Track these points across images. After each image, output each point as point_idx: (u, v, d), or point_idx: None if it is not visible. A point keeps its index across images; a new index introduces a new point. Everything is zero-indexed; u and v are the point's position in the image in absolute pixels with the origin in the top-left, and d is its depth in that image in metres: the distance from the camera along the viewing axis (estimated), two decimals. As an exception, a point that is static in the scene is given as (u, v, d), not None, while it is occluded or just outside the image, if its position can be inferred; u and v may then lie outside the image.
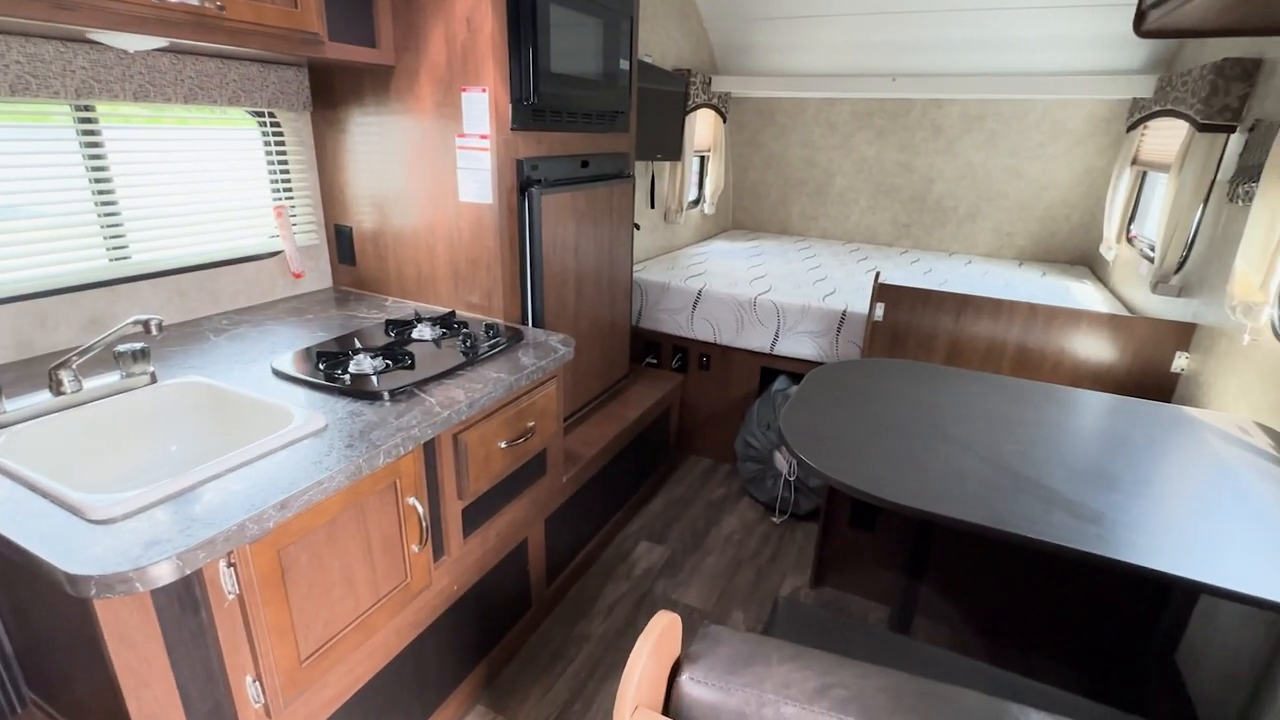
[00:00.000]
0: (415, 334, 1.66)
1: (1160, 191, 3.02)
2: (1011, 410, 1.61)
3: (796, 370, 2.75)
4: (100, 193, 1.48)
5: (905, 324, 2.41)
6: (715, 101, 3.69)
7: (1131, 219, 3.10)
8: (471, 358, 1.53)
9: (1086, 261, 3.68)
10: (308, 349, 1.51)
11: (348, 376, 1.35)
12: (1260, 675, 1.40)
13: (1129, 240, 3.07)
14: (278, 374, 1.37)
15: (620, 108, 2.18)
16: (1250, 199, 1.82)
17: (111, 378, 1.25)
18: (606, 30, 1.99)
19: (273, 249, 1.90)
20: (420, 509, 1.27)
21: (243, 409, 1.26)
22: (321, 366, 1.39)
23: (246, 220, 1.84)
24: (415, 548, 1.30)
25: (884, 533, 2.13)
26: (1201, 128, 2.10)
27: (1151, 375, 2.16)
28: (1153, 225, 3.04)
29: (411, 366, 1.44)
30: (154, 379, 1.29)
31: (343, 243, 2.04)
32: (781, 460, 2.57)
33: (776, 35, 3.45)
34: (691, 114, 3.37)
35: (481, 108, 1.67)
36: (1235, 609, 1.56)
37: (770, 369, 2.82)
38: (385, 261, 1.98)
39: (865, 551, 2.18)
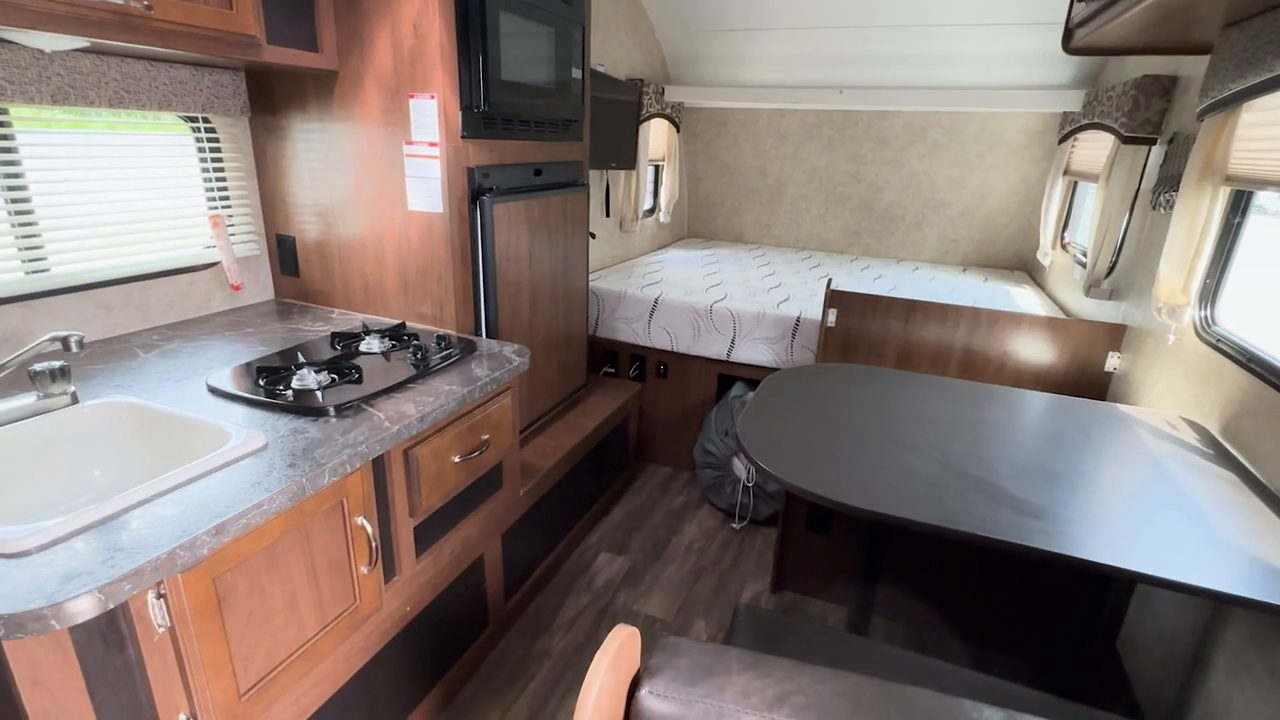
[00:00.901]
0: (363, 347, 1.60)
1: (1090, 200, 3.18)
2: (958, 411, 1.66)
3: (753, 376, 2.78)
4: (14, 200, 1.39)
5: (857, 329, 2.46)
6: (669, 111, 3.72)
7: (1065, 226, 3.25)
8: (422, 370, 1.48)
9: (1025, 267, 3.84)
10: (247, 364, 1.44)
11: (290, 392, 1.29)
12: (1193, 658, 1.47)
13: (1063, 246, 3.21)
14: (214, 391, 1.31)
15: (573, 116, 2.17)
16: (1171, 207, 1.93)
17: (27, 399, 1.17)
18: (558, 38, 1.98)
19: (209, 260, 1.81)
20: (369, 529, 1.23)
21: (174, 429, 1.19)
22: (262, 382, 1.33)
23: (179, 230, 1.75)
24: (364, 569, 1.25)
25: (840, 536, 2.17)
26: (1125, 140, 2.22)
27: (1087, 374, 2.26)
28: (1084, 232, 3.20)
29: (359, 380, 1.39)
30: (75, 399, 1.21)
31: (285, 253, 1.96)
32: (740, 466, 2.58)
33: (727, 47, 3.50)
34: (645, 123, 3.38)
35: (430, 115, 1.64)
36: (1169, 596, 1.63)
37: (727, 375, 2.84)
38: (331, 272, 1.92)
39: (823, 555, 2.20)
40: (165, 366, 1.44)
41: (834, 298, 2.44)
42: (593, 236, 2.45)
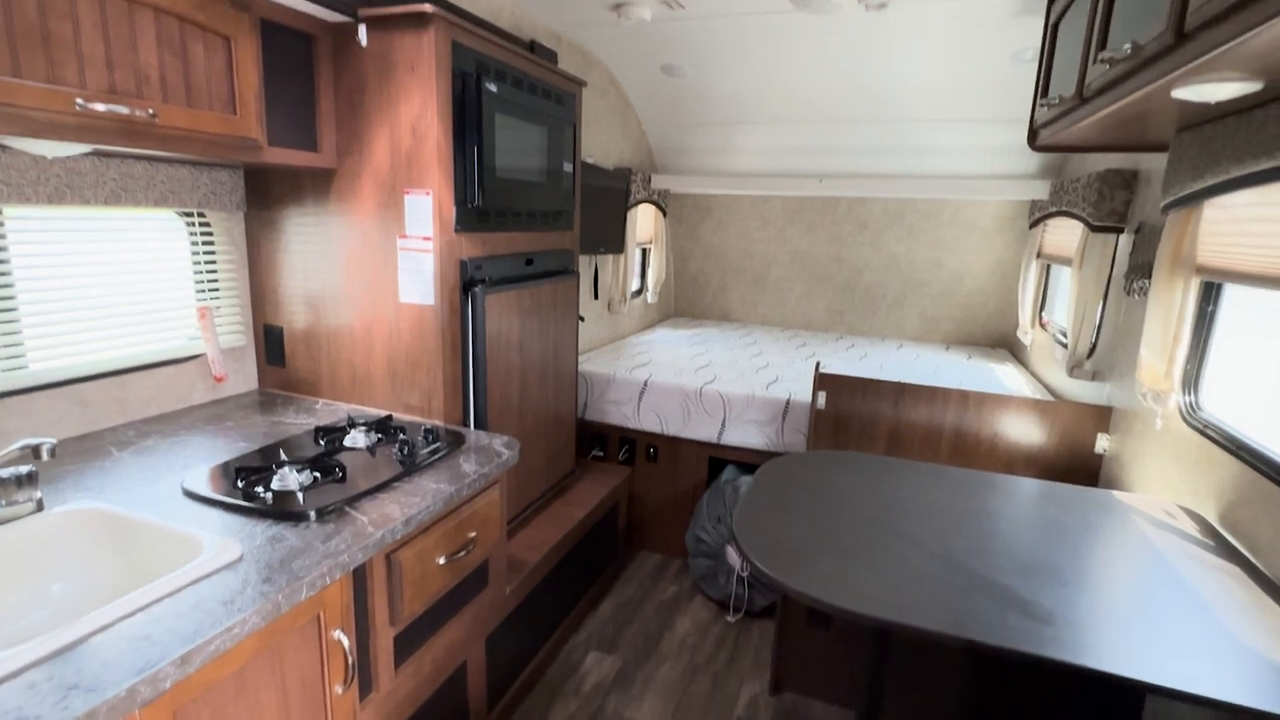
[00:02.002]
0: (348, 441, 1.56)
1: (1065, 282, 3.29)
2: (956, 501, 1.64)
3: (745, 460, 2.75)
4: (1, 298, 1.37)
5: (847, 411, 2.46)
6: (655, 197, 3.85)
7: (1042, 306, 3.34)
8: (409, 467, 1.44)
9: (1006, 344, 3.92)
10: (225, 463, 1.39)
11: (269, 495, 1.24)
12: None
13: (1042, 326, 3.29)
14: (189, 494, 1.25)
15: (564, 207, 2.23)
16: (1144, 293, 1.99)
17: (-11, 508, 1.11)
18: (550, 136, 2.06)
19: (192, 352, 1.79)
20: (346, 643, 1.15)
21: (144, 538, 1.13)
22: (240, 484, 1.28)
23: (164, 322, 1.73)
24: (339, 689, 1.16)
25: (843, 630, 2.08)
26: (1094, 229, 2.32)
27: (1079, 456, 2.26)
28: (1062, 313, 3.28)
29: (343, 479, 1.35)
30: (40, 506, 1.15)
31: (272, 343, 1.95)
32: (734, 555, 2.51)
33: (710, 139, 3.67)
34: (633, 209, 3.49)
35: (425, 210, 1.67)
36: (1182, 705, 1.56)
37: (718, 459, 2.81)
38: (318, 362, 1.89)
39: (824, 651, 2.11)
40: (140, 466, 1.38)
41: (822, 380, 2.45)
42: (581, 319, 2.46)
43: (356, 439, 1.57)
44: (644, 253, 4.08)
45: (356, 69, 1.65)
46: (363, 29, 1.60)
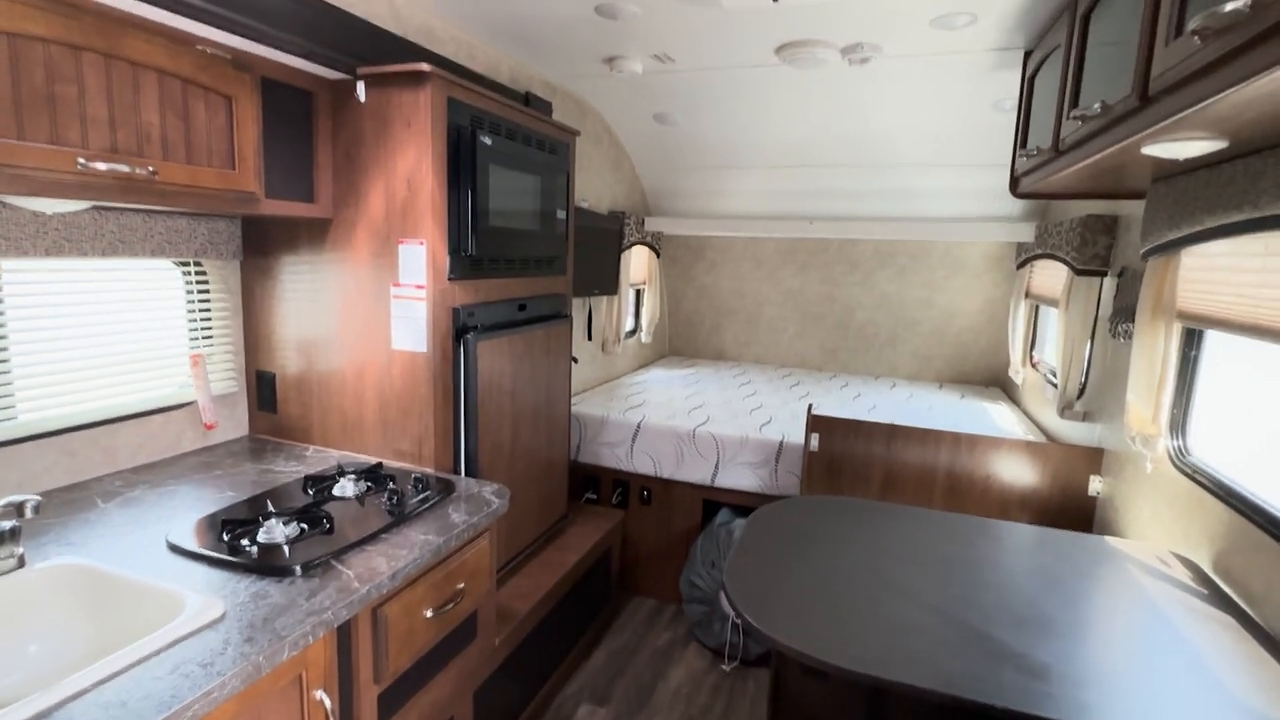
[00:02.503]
0: (337, 490, 1.55)
1: (1053, 324, 3.32)
2: (949, 548, 1.62)
3: (738, 502, 2.73)
4: (-9, 350, 1.38)
5: (840, 453, 2.46)
6: (649, 239, 3.91)
7: (1032, 345, 3.37)
8: (398, 517, 1.43)
9: (999, 383, 3.94)
10: (211, 515, 1.38)
11: (255, 548, 1.23)
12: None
13: (1033, 365, 3.31)
14: (173, 548, 1.24)
15: (557, 252, 2.26)
16: (1129, 337, 2.01)
17: (-31, 565, 1.09)
18: (544, 185, 2.10)
19: (183, 399, 1.79)
20: (328, 704, 1.13)
21: (125, 595, 1.11)
22: (225, 537, 1.26)
23: (156, 370, 1.73)
24: (320, 751, 1.13)
25: (839, 681, 2.04)
26: (1079, 272, 2.36)
27: (1072, 498, 2.26)
28: (1051, 352, 3.31)
29: (330, 531, 1.33)
30: (21, 562, 1.14)
31: (264, 389, 1.95)
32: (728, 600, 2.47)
33: (703, 182, 3.75)
34: (627, 251, 3.54)
35: (419, 260, 1.70)
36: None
37: (712, 501, 2.79)
38: (309, 408, 1.89)
39: (821, 702, 2.06)
40: (125, 518, 1.37)
41: (815, 422, 2.46)
42: (575, 361, 2.48)
43: (345, 488, 1.56)
44: (638, 293, 4.12)
45: (354, 123, 1.69)
46: (361, 86, 1.65)
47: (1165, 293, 1.70)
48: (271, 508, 1.38)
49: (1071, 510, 2.26)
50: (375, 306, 1.76)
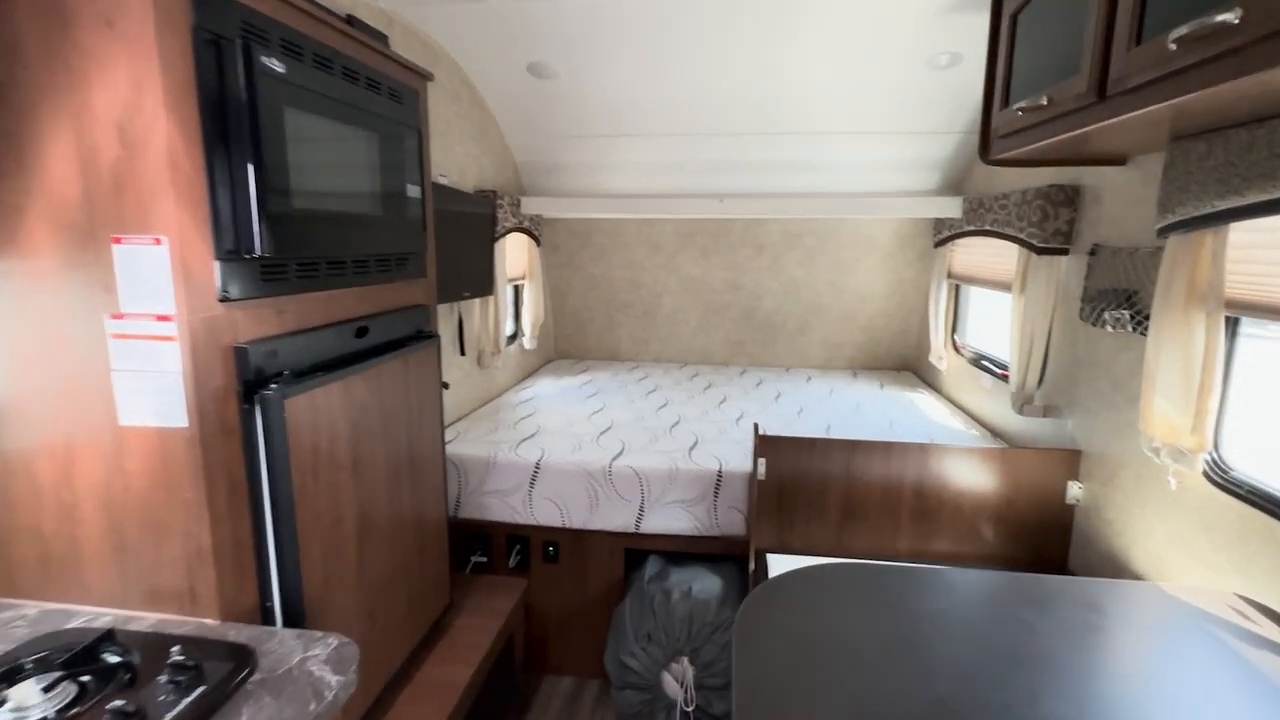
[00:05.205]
0: (7, 707, 0.82)
1: (974, 304, 3.13)
2: (980, 619, 1.20)
3: (670, 548, 2.21)
4: None
5: (792, 478, 2.02)
6: (527, 224, 3.24)
7: (954, 329, 3.16)
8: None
9: (909, 367, 3.75)
10: None
11: None
12: None
13: (956, 349, 3.10)
14: None
15: (412, 247, 1.57)
16: (1119, 325, 1.73)
17: None
18: (384, 147, 1.40)
19: None
20: None
21: None
22: None
23: None
24: None
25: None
26: (1039, 250, 2.07)
27: (1049, 507, 1.98)
28: (969, 333, 3.12)
29: None
30: None
31: (-118, 507, 1.10)
32: (672, 683, 1.95)
33: (587, 154, 3.14)
34: (501, 240, 2.86)
35: (157, 269, 0.97)
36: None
37: (637, 549, 2.25)
38: (-26, 536, 1.09)
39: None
40: None
41: (764, 444, 1.99)
42: (445, 387, 1.81)
43: (25, 696, 0.83)
44: (517, 290, 3.45)
45: (-5, 21, 0.91)
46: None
47: (1204, 275, 1.38)
48: None
49: (1049, 521, 1.99)
50: (80, 356, 1.00)
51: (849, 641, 1.14)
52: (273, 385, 1.09)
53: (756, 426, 2.04)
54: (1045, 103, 1.39)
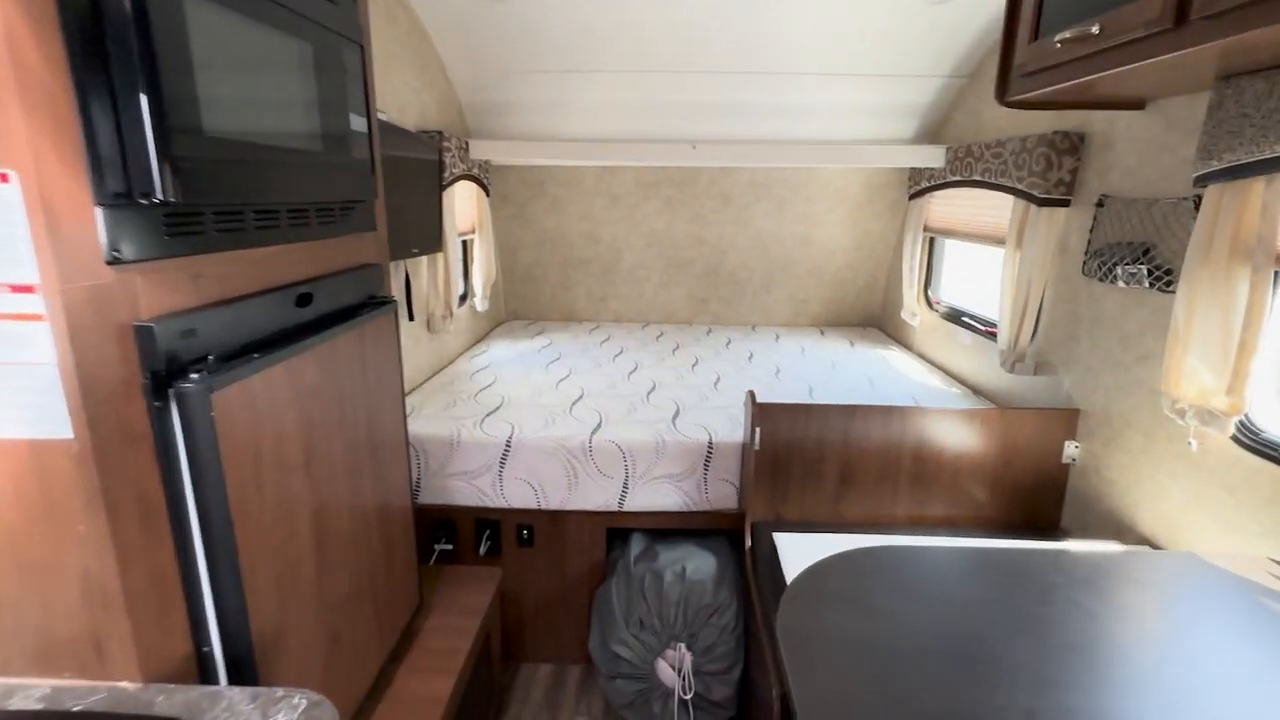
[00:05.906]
0: None
1: (949, 257, 3.05)
2: (1035, 606, 1.10)
3: (656, 525, 2.06)
4: None
5: (787, 445, 1.89)
6: (475, 172, 2.91)
7: (927, 283, 3.09)
8: None
9: (875, 323, 3.69)
10: None
11: None
12: None
13: (930, 305, 3.04)
14: None
15: (359, 194, 1.29)
16: (1136, 280, 1.64)
17: None
18: (319, 62, 1.10)
19: None
20: None
21: None
22: None
23: None
24: None
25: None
26: (1041, 202, 1.96)
27: (1044, 468, 1.94)
28: (949, 289, 3.06)
29: None
30: None
31: None
32: (668, 670, 1.82)
33: (541, 92, 2.82)
34: (449, 189, 2.54)
35: (4, 216, 0.68)
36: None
37: (619, 528, 2.08)
38: None
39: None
40: None
41: (761, 412, 1.84)
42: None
43: None
44: (466, 246, 3.13)
45: None
46: None
47: (1249, 229, 1.29)
48: None
49: (1044, 481, 1.95)
50: (-101, 342, 0.70)
51: (910, 645, 1.01)
52: (193, 375, 0.82)
53: (753, 395, 1.88)
54: (1096, 31, 1.23)
